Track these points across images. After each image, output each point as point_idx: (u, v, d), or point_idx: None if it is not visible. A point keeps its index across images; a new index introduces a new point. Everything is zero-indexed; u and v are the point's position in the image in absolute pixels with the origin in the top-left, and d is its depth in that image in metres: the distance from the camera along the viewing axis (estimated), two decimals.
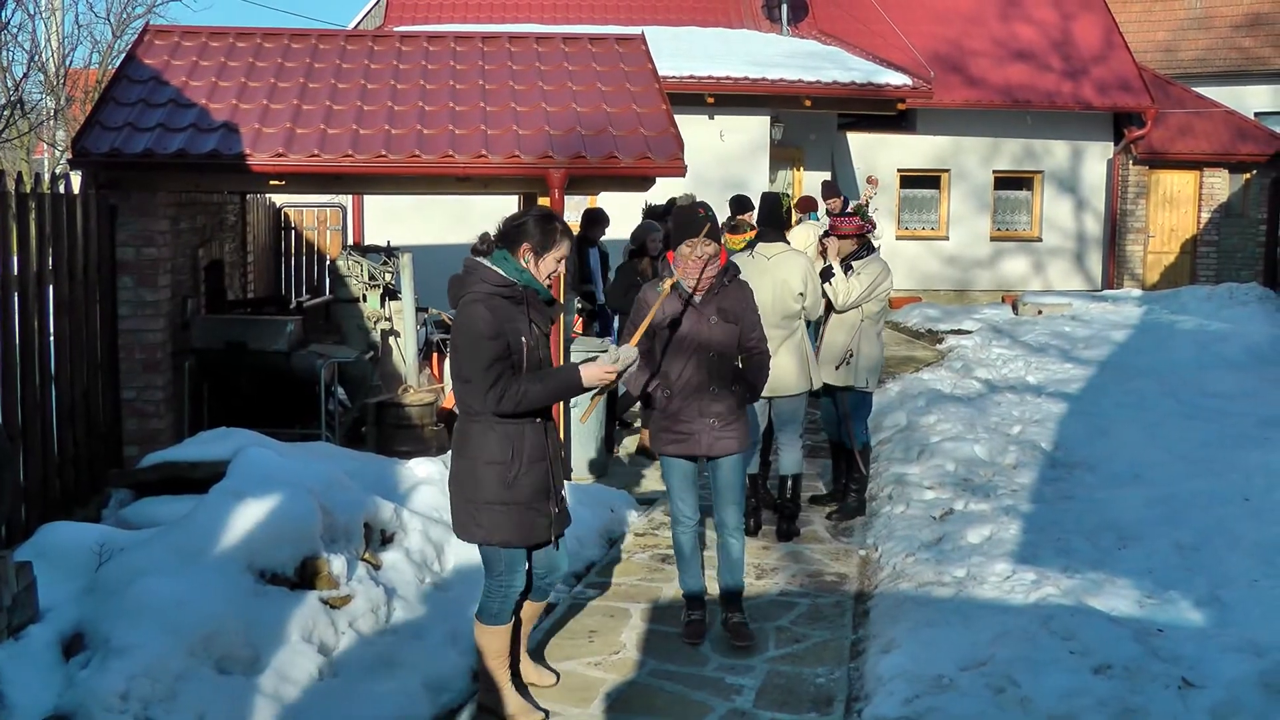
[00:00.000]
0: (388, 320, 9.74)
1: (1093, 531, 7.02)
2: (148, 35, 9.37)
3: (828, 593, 6.51)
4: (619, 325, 9.79)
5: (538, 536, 4.68)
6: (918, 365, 13.52)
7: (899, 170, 19.69)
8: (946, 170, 19.97)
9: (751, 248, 7.43)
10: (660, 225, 9.92)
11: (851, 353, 7.64)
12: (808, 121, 18.14)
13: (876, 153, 19.37)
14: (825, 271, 7.65)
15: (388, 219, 15.18)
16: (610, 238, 10.89)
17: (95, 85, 20.43)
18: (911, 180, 20.03)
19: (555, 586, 5.02)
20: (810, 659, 5.57)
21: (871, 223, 9.00)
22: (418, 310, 9.76)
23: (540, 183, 8.32)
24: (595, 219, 10.54)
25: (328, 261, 13.68)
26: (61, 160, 19.77)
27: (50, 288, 6.73)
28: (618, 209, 11.47)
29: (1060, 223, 20.27)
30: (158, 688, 4.32)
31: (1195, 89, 21.23)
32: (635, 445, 9.61)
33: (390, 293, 9.76)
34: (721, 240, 5.64)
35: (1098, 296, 17.82)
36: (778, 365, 6.76)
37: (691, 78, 15.66)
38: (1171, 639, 5.16)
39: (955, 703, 4.67)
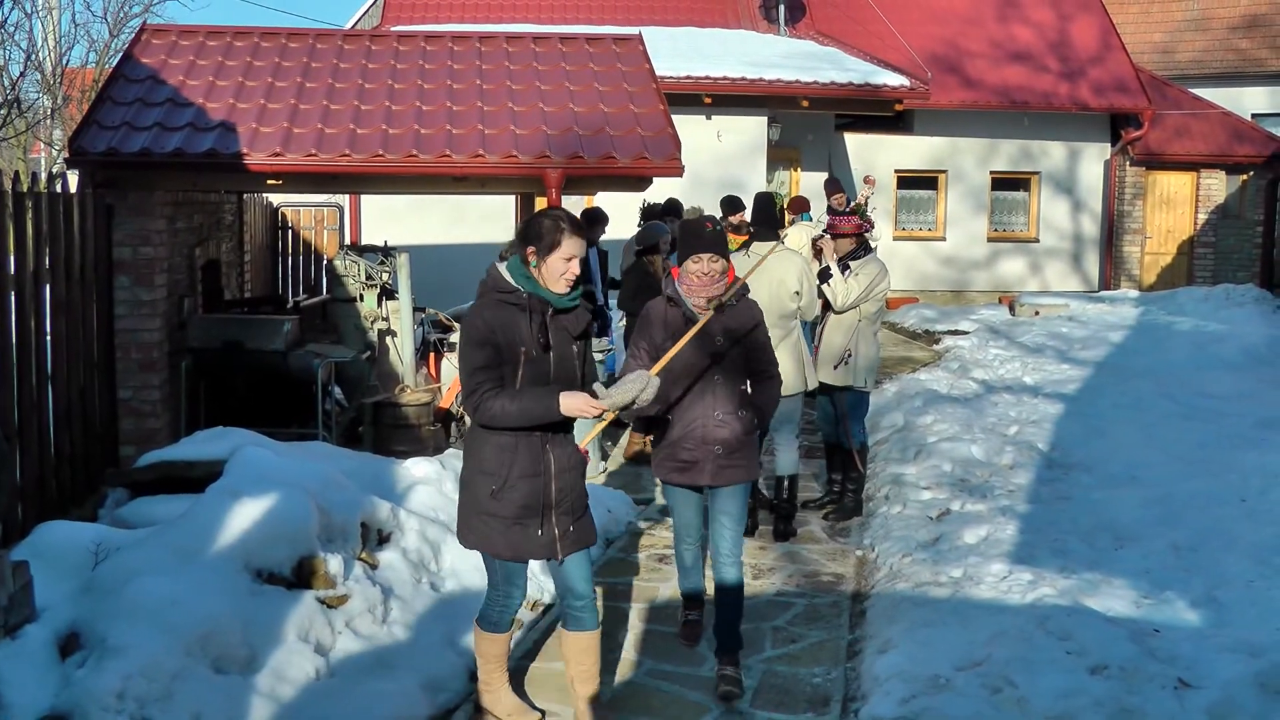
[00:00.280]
0: (385, 320, 9.73)
1: (1089, 532, 7.03)
2: (145, 34, 9.37)
3: (824, 593, 6.51)
4: (626, 326, 9.77)
5: (529, 552, 4.48)
6: (915, 366, 13.52)
7: (896, 171, 19.71)
8: (944, 171, 19.98)
9: (746, 248, 7.44)
10: (665, 224, 9.95)
11: (850, 352, 7.65)
12: (805, 122, 18.16)
13: (874, 153, 19.38)
14: (824, 272, 7.66)
15: (385, 218, 15.16)
16: (610, 237, 10.88)
17: (92, 84, 20.41)
18: (908, 181, 20.05)
19: (586, 611, 4.63)
20: (807, 659, 5.58)
21: (870, 222, 8.99)
22: (415, 310, 9.75)
23: (537, 182, 8.33)
24: (594, 218, 10.52)
25: (325, 261, 13.68)
26: (58, 159, 19.75)
27: (47, 287, 6.71)
28: (615, 209, 11.46)
29: (1057, 224, 20.29)
30: (154, 687, 4.31)
31: (1192, 90, 21.26)
32: (628, 446, 9.57)
33: (387, 292, 9.75)
34: (729, 255, 5.30)
35: (1095, 297, 17.82)
36: None
37: (689, 78, 15.66)
38: (1168, 639, 5.16)
39: (952, 703, 4.68)
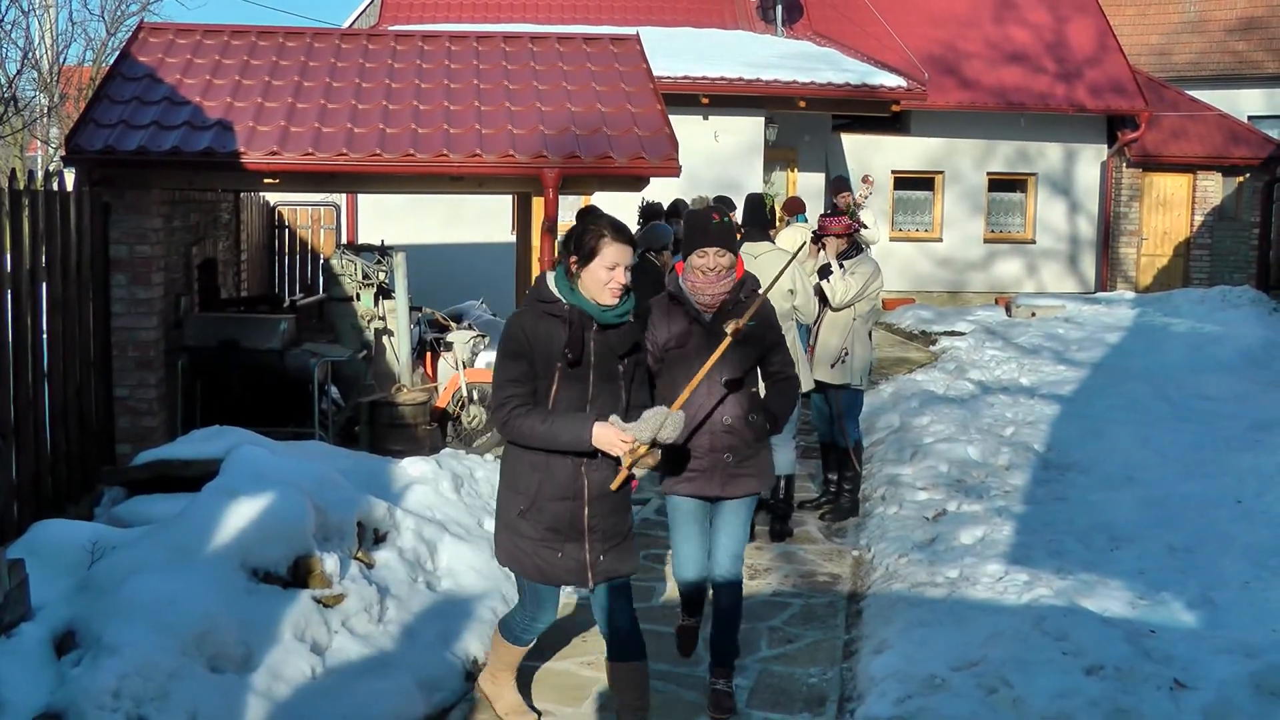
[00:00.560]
0: (381, 319, 9.73)
1: (1085, 533, 7.03)
2: (142, 32, 9.37)
3: (820, 593, 6.51)
4: None
5: (556, 577, 4.27)
6: (911, 366, 13.52)
7: (893, 172, 19.72)
8: (940, 172, 19.98)
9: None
10: (670, 225, 9.94)
11: (846, 351, 7.67)
12: (802, 123, 18.17)
13: (870, 154, 19.38)
14: (824, 269, 7.68)
15: (381, 218, 15.15)
16: None
17: (89, 82, 20.39)
18: (905, 182, 20.05)
19: (627, 642, 4.36)
20: (803, 659, 5.58)
21: (859, 222, 9.04)
22: (411, 309, 9.75)
23: (535, 182, 8.33)
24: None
25: (321, 260, 13.67)
26: (55, 157, 19.73)
27: (43, 285, 6.71)
28: (615, 209, 11.44)
29: (1054, 225, 20.30)
30: (150, 686, 4.31)
31: (1189, 92, 21.26)
32: None
33: (384, 292, 9.75)
34: (737, 249, 4.98)
35: (1091, 299, 17.83)
36: None
37: (686, 78, 15.65)
38: (1163, 640, 5.17)
39: (947, 703, 4.68)
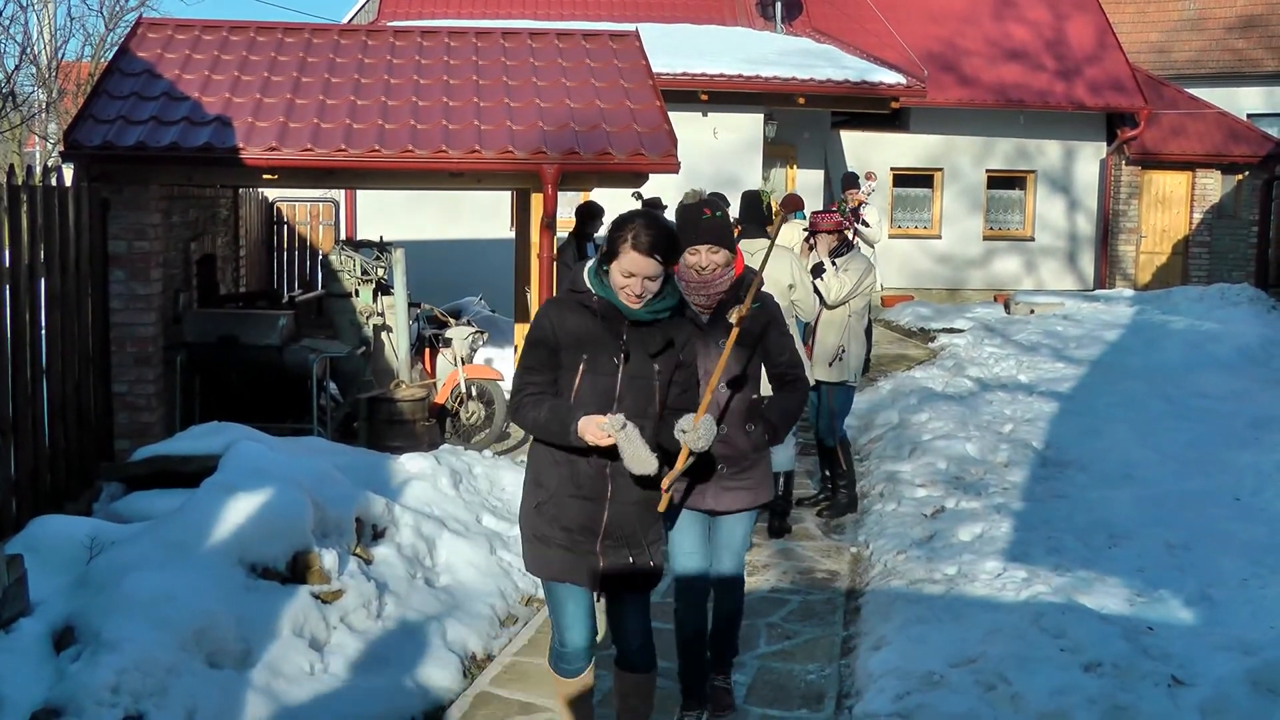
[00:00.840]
0: (380, 315, 9.72)
1: (1084, 530, 7.04)
2: (141, 28, 9.35)
3: (819, 590, 6.52)
4: None
5: (565, 574, 4.01)
6: (910, 363, 13.53)
7: (892, 169, 19.71)
8: (939, 169, 19.98)
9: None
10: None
11: (843, 349, 7.67)
12: (801, 119, 18.16)
13: (870, 151, 19.37)
14: (817, 268, 7.67)
15: (380, 214, 15.13)
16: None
17: (87, 78, 20.39)
18: (904, 179, 20.04)
19: (638, 654, 4.26)
20: (801, 656, 5.59)
21: (850, 218, 9.06)
22: (410, 305, 9.74)
23: (534, 178, 8.32)
24: (592, 213, 10.52)
25: (320, 256, 13.66)
26: (53, 153, 19.71)
27: (42, 281, 6.70)
28: (613, 206, 11.44)
29: (1053, 222, 20.29)
30: (148, 682, 4.31)
31: (1188, 90, 21.25)
32: None
33: (383, 288, 9.74)
34: (735, 245, 4.70)
35: (1090, 296, 17.83)
36: None
37: (685, 75, 15.63)
38: (1161, 637, 5.17)
39: (946, 700, 4.68)
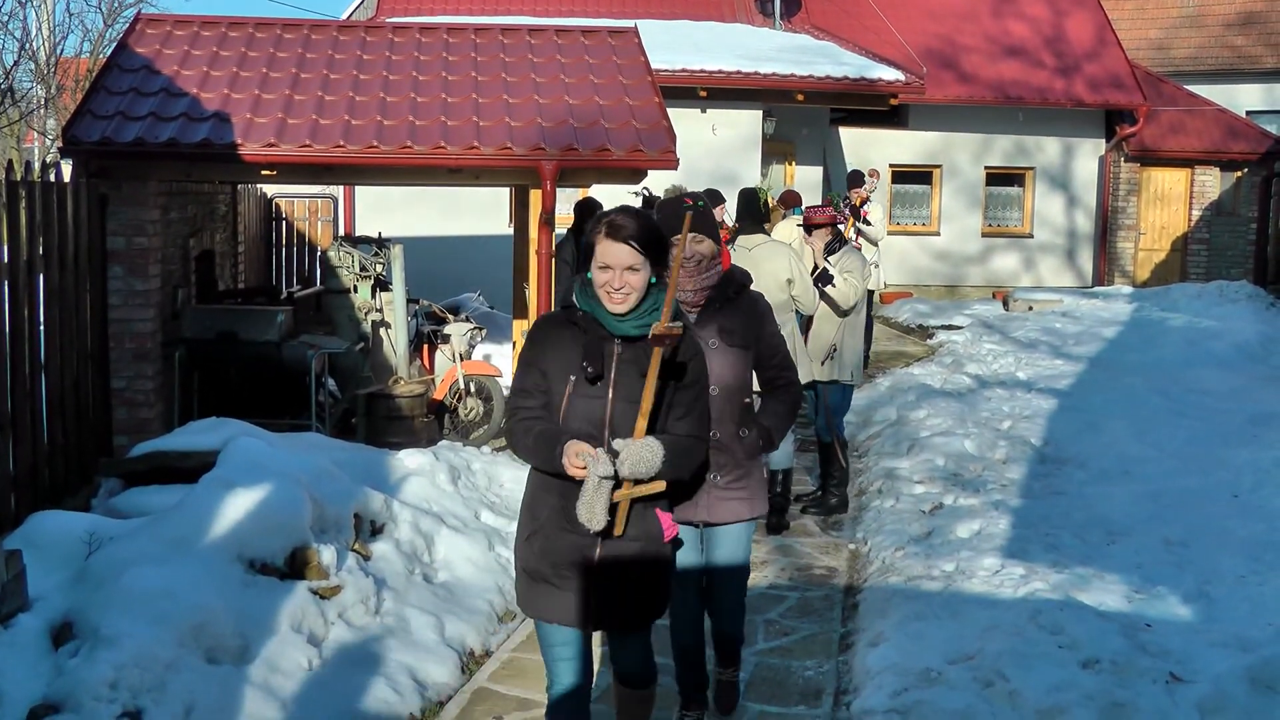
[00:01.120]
0: (378, 311, 9.72)
1: (1082, 527, 7.04)
2: (139, 24, 9.35)
3: (817, 586, 6.52)
4: None
5: (559, 616, 3.65)
6: (908, 360, 13.53)
7: (891, 165, 19.71)
8: (938, 166, 19.99)
9: (731, 242, 7.44)
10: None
11: (835, 347, 7.64)
12: (800, 116, 18.13)
13: (869, 148, 19.38)
14: (824, 276, 7.58)
15: (379, 210, 15.13)
16: None
17: (86, 74, 20.39)
18: (903, 176, 20.06)
19: (636, 680, 4.00)
20: (799, 652, 5.59)
21: (844, 214, 9.07)
22: (409, 302, 9.74)
23: (532, 174, 8.32)
24: (591, 209, 10.50)
25: (318, 252, 13.66)
26: (52, 149, 19.70)
27: (40, 276, 6.70)
28: (610, 202, 11.44)
29: (1051, 219, 20.31)
30: (147, 677, 4.31)
31: (1187, 87, 21.27)
32: None
33: (381, 284, 9.74)
34: (720, 238, 4.43)
35: (1088, 293, 17.83)
36: None
37: (684, 71, 15.62)
38: (1159, 634, 5.18)
39: (943, 696, 4.68)
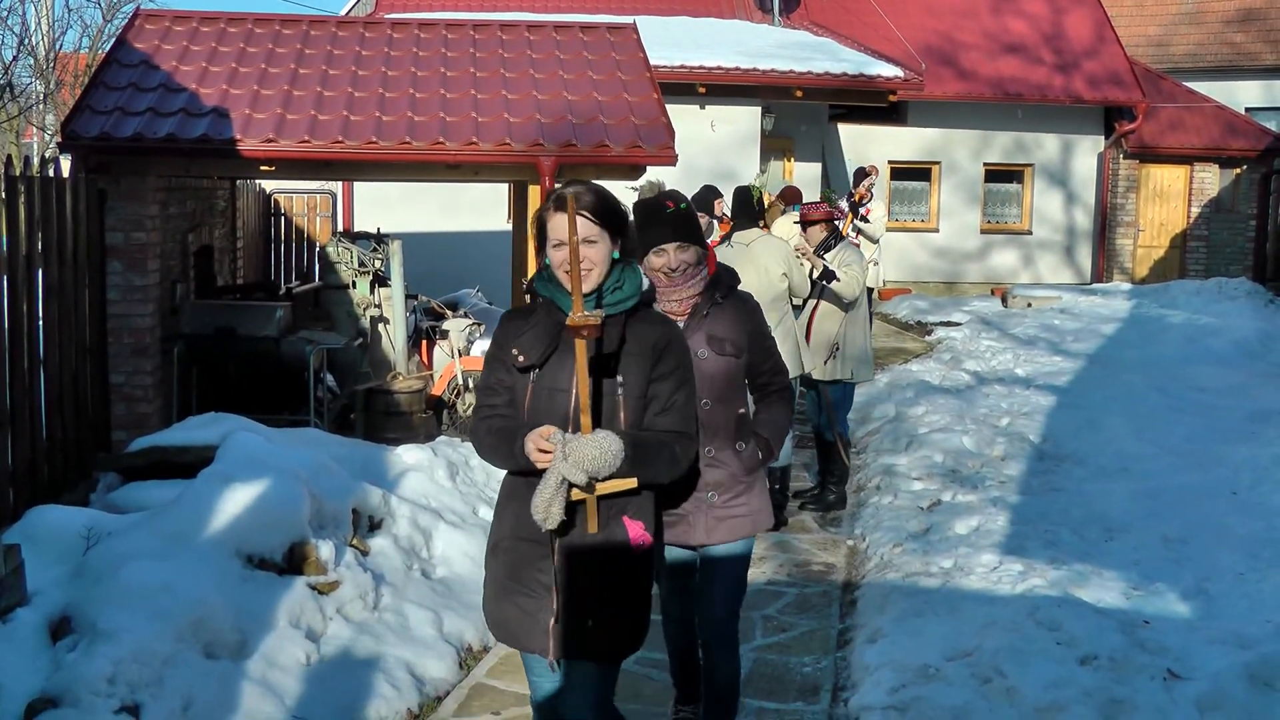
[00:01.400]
0: (377, 307, 9.72)
1: (1080, 523, 7.05)
2: (138, 19, 9.32)
3: (815, 582, 6.53)
4: None
5: (513, 634, 3.33)
6: (907, 357, 13.53)
7: (890, 162, 19.69)
8: (937, 162, 19.98)
9: (729, 239, 7.45)
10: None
11: (838, 346, 7.64)
12: (799, 112, 18.12)
13: (867, 144, 19.37)
14: (827, 274, 7.58)
15: (378, 206, 15.11)
16: None
17: (85, 69, 20.36)
18: (902, 172, 20.05)
19: None
20: (797, 648, 5.59)
21: (839, 209, 9.10)
22: (407, 297, 9.74)
23: (531, 170, 8.32)
24: None
25: (317, 248, 13.65)
26: (51, 144, 19.69)
27: (39, 271, 6.70)
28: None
29: (1050, 216, 20.30)
30: (145, 672, 4.31)
31: (1186, 84, 21.26)
32: None
33: (380, 280, 9.74)
34: (705, 240, 4.12)
35: (1087, 290, 17.83)
36: None
37: (683, 67, 15.60)
38: (1158, 630, 5.18)
39: (941, 692, 4.69)
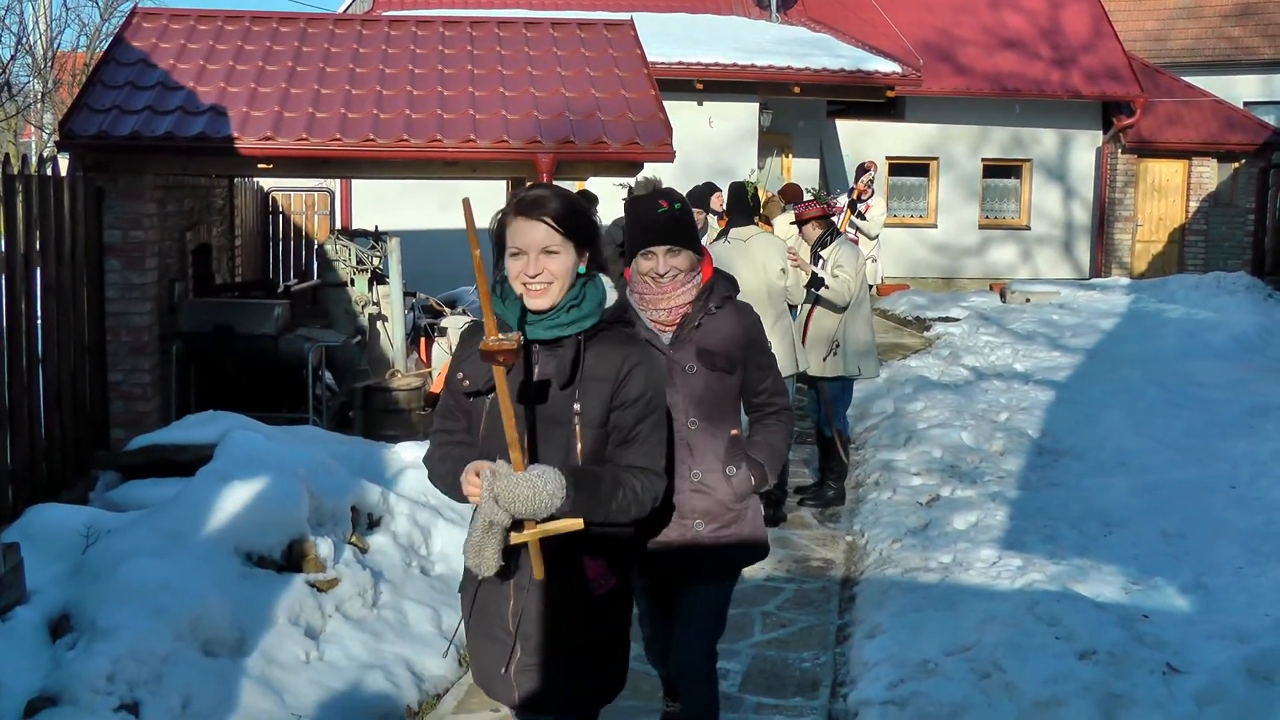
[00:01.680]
0: (375, 305, 9.72)
1: (1079, 518, 7.05)
2: (136, 18, 9.32)
3: (814, 578, 6.53)
4: None
5: (483, 681, 3.08)
6: (905, 352, 13.52)
7: (888, 158, 19.68)
8: (935, 158, 19.98)
9: (725, 235, 7.44)
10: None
11: (838, 343, 7.63)
12: (797, 108, 18.12)
13: (865, 140, 19.36)
14: (814, 281, 7.53)
15: (375, 204, 15.12)
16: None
17: (83, 68, 20.35)
18: (900, 168, 20.04)
19: None
20: (796, 644, 5.59)
21: (831, 207, 9.12)
22: (406, 295, 9.74)
23: (528, 167, 8.32)
24: (587, 202, 10.46)
25: (315, 246, 13.65)
26: (49, 143, 19.68)
27: (37, 270, 6.70)
28: (608, 196, 11.44)
29: (1048, 211, 20.30)
30: (144, 670, 4.31)
31: (1184, 78, 21.26)
32: None
33: (378, 277, 9.74)
34: (700, 244, 3.73)
35: (1085, 285, 17.84)
36: None
37: (680, 64, 15.59)
38: (1156, 625, 5.18)
39: (940, 688, 4.69)
